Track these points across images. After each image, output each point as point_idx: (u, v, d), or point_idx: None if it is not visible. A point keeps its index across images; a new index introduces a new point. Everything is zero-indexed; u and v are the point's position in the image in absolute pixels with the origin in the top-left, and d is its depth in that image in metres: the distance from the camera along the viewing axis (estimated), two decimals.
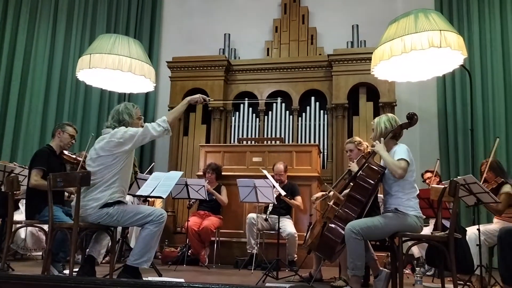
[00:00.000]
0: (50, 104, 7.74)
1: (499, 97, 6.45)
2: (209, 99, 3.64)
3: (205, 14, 8.21)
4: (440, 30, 4.29)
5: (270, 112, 7.21)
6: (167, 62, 7.47)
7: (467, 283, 3.80)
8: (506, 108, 6.39)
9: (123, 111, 3.34)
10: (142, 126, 3.38)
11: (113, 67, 5.28)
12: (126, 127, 3.27)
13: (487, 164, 4.31)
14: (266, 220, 5.21)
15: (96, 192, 3.14)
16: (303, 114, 7.07)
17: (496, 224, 4.33)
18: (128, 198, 5.47)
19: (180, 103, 3.45)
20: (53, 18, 8.03)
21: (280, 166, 5.39)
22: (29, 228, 5.04)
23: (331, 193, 3.80)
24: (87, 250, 3.48)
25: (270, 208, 5.19)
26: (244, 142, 6.78)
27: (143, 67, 5.49)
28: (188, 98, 3.49)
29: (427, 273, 4.86)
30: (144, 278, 3.17)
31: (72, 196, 4.08)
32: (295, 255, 5.10)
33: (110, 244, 3.59)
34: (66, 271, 3.70)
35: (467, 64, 6.02)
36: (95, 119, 7.69)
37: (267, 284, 3.80)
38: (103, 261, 4.80)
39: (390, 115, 3.51)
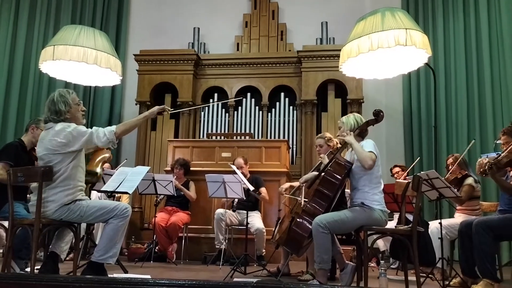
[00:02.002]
0: (11, 97, 7.45)
1: (462, 95, 6.65)
2: (167, 108, 3.38)
3: (174, 7, 8.08)
4: (406, 29, 4.38)
5: (239, 108, 7.19)
6: (134, 55, 7.33)
7: (429, 275, 3.91)
8: (468, 105, 6.60)
9: (58, 100, 3.11)
10: (83, 111, 3.23)
11: (78, 59, 5.14)
12: (63, 116, 3.09)
13: (454, 158, 4.59)
14: (234, 211, 5.27)
15: (51, 193, 3.00)
16: (273, 110, 7.10)
17: (457, 218, 4.48)
18: (94, 194, 5.37)
19: (136, 117, 3.27)
20: (15, 7, 7.71)
21: (239, 159, 5.45)
22: None
23: (302, 187, 3.84)
24: (50, 246, 3.38)
25: (236, 200, 5.25)
26: (213, 138, 6.75)
27: (109, 60, 5.36)
28: (146, 113, 3.29)
29: (392, 266, 4.98)
30: (109, 275, 3.11)
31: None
32: (264, 250, 5.13)
33: (74, 240, 3.49)
34: (29, 269, 3.58)
35: (431, 62, 6.20)
36: None
37: (235, 279, 3.80)
38: (67, 258, 4.68)
39: (356, 114, 3.63)
